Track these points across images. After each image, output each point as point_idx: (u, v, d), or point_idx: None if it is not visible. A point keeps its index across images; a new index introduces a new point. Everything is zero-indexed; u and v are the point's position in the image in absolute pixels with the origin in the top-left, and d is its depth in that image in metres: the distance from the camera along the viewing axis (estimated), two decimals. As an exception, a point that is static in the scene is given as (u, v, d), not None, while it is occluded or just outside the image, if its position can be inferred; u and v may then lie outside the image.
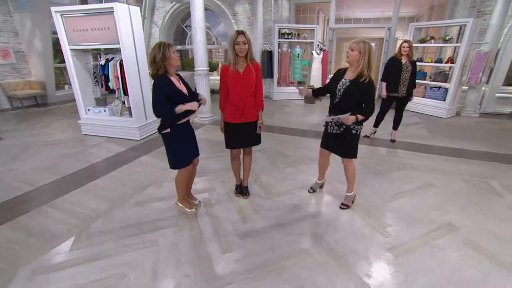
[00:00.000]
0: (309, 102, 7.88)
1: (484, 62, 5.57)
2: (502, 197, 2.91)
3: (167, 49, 1.99)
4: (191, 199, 2.71)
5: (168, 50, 1.99)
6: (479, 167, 3.61)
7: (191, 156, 2.40)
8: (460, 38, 5.99)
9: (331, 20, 8.58)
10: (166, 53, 1.98)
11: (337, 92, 2.29)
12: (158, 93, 2.03)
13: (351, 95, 2.22)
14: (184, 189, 2.50)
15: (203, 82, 5.28)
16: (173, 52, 2.03)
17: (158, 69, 2.02)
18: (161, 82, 2.03)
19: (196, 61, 5.22)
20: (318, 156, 2.85)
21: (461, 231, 2.33)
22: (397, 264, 1.98)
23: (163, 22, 9.72)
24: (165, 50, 1.98)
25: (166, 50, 1.98)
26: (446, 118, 5.98)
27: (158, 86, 2.03)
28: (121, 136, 4.61)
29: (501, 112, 6.37)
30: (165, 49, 1.98)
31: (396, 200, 2.81)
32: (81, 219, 2.49)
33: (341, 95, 2.27)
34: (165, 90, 2.04)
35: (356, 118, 2.20)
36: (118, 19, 4.03)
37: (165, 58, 1.99)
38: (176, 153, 2.28)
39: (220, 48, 11.01)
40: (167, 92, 2.05)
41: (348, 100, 2.25)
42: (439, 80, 6.23)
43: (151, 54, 1.99)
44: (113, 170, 3.48)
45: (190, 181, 2.60)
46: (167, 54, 1.98)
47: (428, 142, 4.54)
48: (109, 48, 4.41)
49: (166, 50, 1.98)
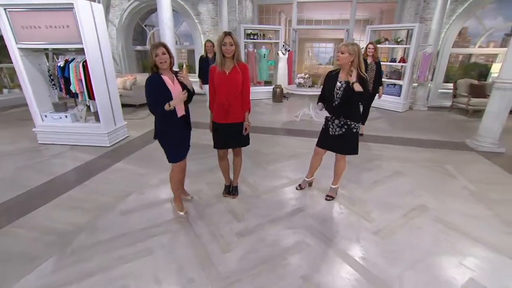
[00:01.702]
0: (278, 101, 8.10)
1: (429, 62, 6.32)
2: (456, 179, 3.37)
3: (152, 49, 2.10)
4: (185, 195, 2.77)
5: (153, 51, 2.09)
6: (434, 154, 4.11)
7: (185, 151, 2.48)
8: (408, 41, 6.69)
9: (294, 21, 8.91)
10: (150, 53, 2.10)
11: (335, 95, 2.41)
12: (146, 93, 2.16)
13: (350, 95, 2.33)
14: (178, 185, 2.51)
15: (174, 83, 5.12)
16: (156, 54, 2.09)
17: (151, 68, 2.16)
18: (148, 82, 2.15)
19: (165, 62, 5.04)
20: (294, 153, 2.95)
21: (432, 210, 2.66)
22: (385, 245, 2.19)
23: (121, 21, 9.15)
24: (152, 51, 2.09)
25: (152, 49, 2.10)
26: (401, 112, 6.65)
27: (145, 85, 2.15)
28: (88, 144, 4.26)
29: (443, 105, 7.28)
30: (152, 50, 2.09)
31: (374, 188, 3.08)
32: (59, 235, 2.27)
33: (340, 97, 2.38)
34: (150, 89, 2.15)
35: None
36: (80, 17, 3.72)
37: (152, 58, 2.10)
38: (174, 148, 2.36)
39: (183, 49, 10.72)
40: (154, 90, 2.15)
41: (347, 100, 2.36)
42: (394, 78, 6.89)
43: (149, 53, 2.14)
44: (85, 180, 3.22)
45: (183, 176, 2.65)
46: (151, 54, 2.10)
47: (390, 134, 5.01)
48: (61, 48, 4.05)
49: (152, 50, 2.10)
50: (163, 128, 2.28)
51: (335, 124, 2.51)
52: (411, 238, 2.27)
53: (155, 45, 2.09)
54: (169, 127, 2.29)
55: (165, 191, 2.95)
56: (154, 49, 2.08)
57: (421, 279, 1.88)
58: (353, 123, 2.47)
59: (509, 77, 3.87)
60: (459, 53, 7.92)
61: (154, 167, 3.51)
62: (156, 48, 2.09)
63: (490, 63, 7.84)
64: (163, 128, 2.29)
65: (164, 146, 2.35)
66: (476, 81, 6.79)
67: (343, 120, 2.46)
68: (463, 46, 7.75)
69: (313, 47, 15.78)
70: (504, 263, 2.05)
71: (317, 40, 15.34)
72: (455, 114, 6.70)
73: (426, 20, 6.87)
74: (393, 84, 6.88)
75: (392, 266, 1.98)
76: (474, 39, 7.53)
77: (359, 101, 2.45)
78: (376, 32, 7.27)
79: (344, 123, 2.47)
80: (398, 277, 1.89)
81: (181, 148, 2.43)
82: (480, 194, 2.99)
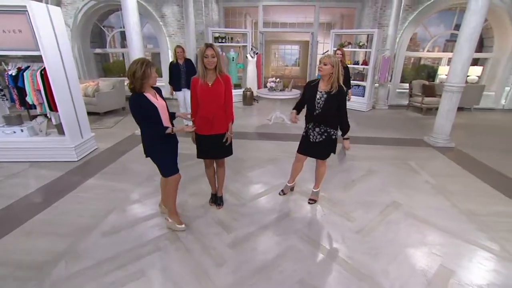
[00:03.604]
0: (248, 104, 8.17)
1: (388, 64, 6.88)
2: (419, 174, 3.74)
3: (149, 68, 1.99)
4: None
5: (149, 69, 1.99)
6: (398, 151, 4.51)
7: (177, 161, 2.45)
8: (369, 45, 7.20)
9: (260, 24, 9.05)
10: (147, 71, 1.99)
11: (316, 105, 2.53)
12: (133, 114, 2.07)
13: (330, 105, 2.47)
14: (175, 199, 2.45)
15: (144, 90, 4.91)
16: (153, 72, 2.05)
17: (134, 84, 2.03)
18: (132, 102, 2.07)
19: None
20: (272, 157, 3.05)
21: (403, 205, 2.94)
22: (367, 242, 2.38)
23: (75, 22, 8.47)
24: (147, 69, 1.98)
25: (148, 68, 1.98)
26: (366, 111, 7.15)
27: (131, 107, 2.08)
28: (51, 159, 3.91)
29: (401, 104, 7.98)
30: (146, 68, 1.98)
31: (351, 188, 3.30)
32: (34, 267, 2.07)
33: (321, 107, 2.51)
34: (137, 109, 2.08)
35: (348, 138, 2.62)
36: (34, 21, 3.39)
37: (145, 76, 1.99)
38: (167, 161, 2.32)
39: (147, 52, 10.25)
40: (140, 110, 2.08)
41: (328, 110, 2.50)
42: (358, 79, 7.37)
43: (132, 68, 1.99)
44: (54, 201, 2.96)
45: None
46: (147, 72, 1.99)
47: (358, 134, 5.36)
48: (14, 55, 3.68)
49: (148, 69, 1.99)
50: (153, 143, 2.23)
51: (316, 132, 2.64)
52: (388, 233, 2.50)
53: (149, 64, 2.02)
54: (161, 139, 2.24)
55: (149, 206, 2.85)
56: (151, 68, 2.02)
57: (403, 271, 2.08)
58: (332, 130, 2.64)
59: (455, 81, 4.40)
60: (412, 56, 8.72)
61: (132, 180, 3.36)
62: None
63: (436, 65, 8.78)
64: (153, 143, 2.23)
65: (158, 160, 2.30)
66: (427, 81, 7.55)
67: (323, 128, 2.61)
68: (414, 50, 8.56)
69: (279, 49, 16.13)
70: (463, 247, 2.36)
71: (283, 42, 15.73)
72: (412, 112, 7.39)
73: (383, 26, 7.46)
74: (357, 85, 7.35)
75: (376, 262, 2.17)
76: (422, 44, 8.38)
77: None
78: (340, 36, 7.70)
79: (324, 130, 2.61)
80: (383, 271, 2.07)
81: (175, 159, 2.40)
82: (439, 187, 3.37)
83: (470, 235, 2.50)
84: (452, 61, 4.46)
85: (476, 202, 3.04)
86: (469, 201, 3.06)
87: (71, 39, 8.56)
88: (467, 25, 4.13)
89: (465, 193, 3.24)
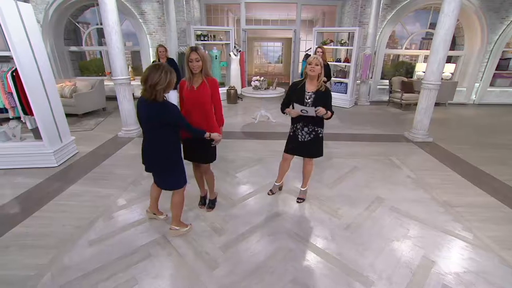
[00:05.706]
0: (232, 102, 8.13)
1: (369, 61, 7.07)
2: (400, 169, 3.91)
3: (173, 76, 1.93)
4: (158, 214, 2.67)
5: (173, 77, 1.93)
6: (380, 147, 4.68)
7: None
8: (350, 42, 7.36)
9: (242, 21, 8.98)
10: (172, 80, 1.93)
11: (306, 105, 2.56)
12: (175, 121, 2.07)
13: (319, 105, 2.49)
14: (182, 209, 2.45)
15: (126, 92, 4.76)
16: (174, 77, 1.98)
17: (157, 94, 1.88)
18: (176, 108, 2.03)
19: (114, 70, 4.63)
20: (259, 157, 3.07)
21: (387, 200, 3.06)
22: (354, 238, 2.47)
23: (46, 18, 8.00)
24: (172, 78, 1.92)
25: (172, 77, 1.92)
26: (349, 108, 7.34)
27: (177, 114, 2.04)
28: (28, 166, 3.71)
29: (382, 100, 8.26)
30: (171, 77, 1.91)
31: (337, 185, 3.39)
32: (17, 284, 1.97)
33: (310, 107, 2.54)
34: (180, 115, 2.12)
35: (326, 112, 2.48)
36: (3, 19, 3.18)
37: (169, 85, 1.93)
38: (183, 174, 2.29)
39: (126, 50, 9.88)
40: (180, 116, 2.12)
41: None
42: (340, 77, 7.52)
43: (154, 78, 1.84)
44: (35, 210, 2.82)
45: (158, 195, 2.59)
46: (172, 81, 1.93)
47: (342, 130, 5.50)
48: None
49: (172, 78, 1.92)
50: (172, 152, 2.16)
51: (304, 132, 2.69)
52: (374, 228, 2.60)
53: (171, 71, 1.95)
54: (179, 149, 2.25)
55: (137, 211, 2.79)
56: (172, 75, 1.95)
57: (389, 264, 2.18)
58: (320, 129, 2.70)
59: (432, 79, 4.61)
60: (391, 53, 9.01)
61: (117, 185, 3.27)
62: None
63: (414, 62, 9.13)
64: (172, 152, 2.16)
65: (173, 173, 2.24)
66: (405, 78, 7.84)
67: (312, 127, 2.66)
68: (393, 47, 8.86)
69: (262, 46, 16.10)
70: (442, 237, 2.51)
71: (265, 39, 15.69)
72: (392, 108, 7.67)
73: (364, 24, 7.64)
74: (340, 83, 7.51)
75: (364, 257, 2.25)
76: (400, 41, 8.67)
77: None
78: (322, 33, 7.80)
79: (312, 130, 2.67)
80: (370, 265, 2.16)
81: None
82: (419, 181, 3.54)
83: (448, 226, 2.66)
84: (428, 60, 4.66)
85: (452, 194, 3.23)
86: (446, 193, 3.25)
87: (43, 36, 8.10)
88: (441, 27, 4.34)
89: (442, 186, 3.43)
